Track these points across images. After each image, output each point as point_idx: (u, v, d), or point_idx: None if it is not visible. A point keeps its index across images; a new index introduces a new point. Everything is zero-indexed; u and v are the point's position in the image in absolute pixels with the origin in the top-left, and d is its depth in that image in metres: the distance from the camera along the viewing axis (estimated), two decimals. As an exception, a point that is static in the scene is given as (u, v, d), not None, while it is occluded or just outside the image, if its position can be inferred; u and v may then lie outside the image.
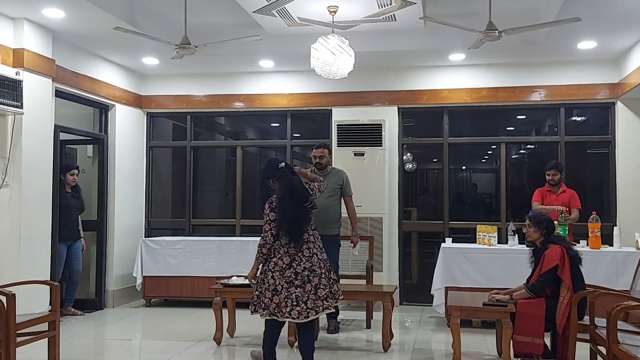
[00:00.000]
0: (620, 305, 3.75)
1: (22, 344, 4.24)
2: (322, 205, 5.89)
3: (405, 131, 7.82)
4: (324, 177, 5.97)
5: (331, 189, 5.93)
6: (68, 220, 6.64)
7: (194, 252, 7.31)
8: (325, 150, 5.94)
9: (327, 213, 5.88)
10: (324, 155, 5.92)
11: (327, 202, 5.87)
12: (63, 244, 6.58)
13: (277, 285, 4.17)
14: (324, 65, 5.41)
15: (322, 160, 5.92)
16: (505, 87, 7.42)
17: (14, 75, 5.54)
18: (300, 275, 4.19)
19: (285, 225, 4.23)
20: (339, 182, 5.97)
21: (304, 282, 4.19)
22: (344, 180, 6.00)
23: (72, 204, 6.76)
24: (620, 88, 7.03)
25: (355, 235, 6.02)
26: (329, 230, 5.91)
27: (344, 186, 5.99)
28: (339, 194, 5.99)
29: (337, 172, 6.09)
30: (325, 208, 5.88)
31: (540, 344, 4.39)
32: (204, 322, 6.15)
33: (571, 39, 6.41)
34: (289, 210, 4.26)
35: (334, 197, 5.94)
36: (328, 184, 5.92)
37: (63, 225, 6.52)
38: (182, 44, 5.42)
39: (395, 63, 7.51)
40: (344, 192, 6.01)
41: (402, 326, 6.40)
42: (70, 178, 6.74)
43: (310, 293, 4.18)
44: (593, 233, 5.97)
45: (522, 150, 8.64)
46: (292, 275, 4.18)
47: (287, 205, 4.28)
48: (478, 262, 6.14)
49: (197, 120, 8.48)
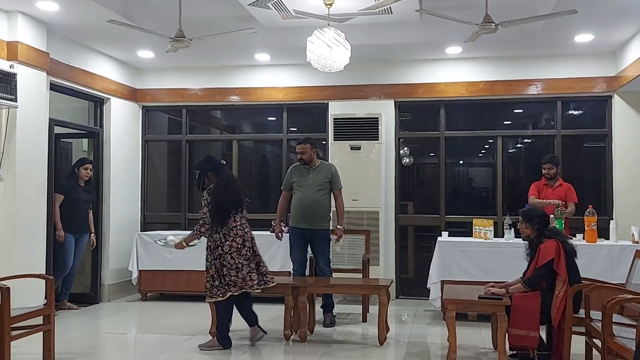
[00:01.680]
0: (616, 298, 3.75)
1: (17, 337, 4.24)
2: (311, 199, 5.91)
3: (402, 125, 7.80)
4: (312, 171, 5.97)
5: (320, 183, 5.94)
6: (77, 213, 6.75)
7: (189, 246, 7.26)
8: (307, 145, 5.94)
9: (317, 207, 5.90)
10: (306, 151, 5.93)
11: (316, 196, 5.89)
12: (71, 235, 6.67)
13: (238, 264, 4.92)
14: (320, 58, 5.38)
15: (304, 155, 5.94)
16: (502, 81, 7.40)
17: (8, 69, 5.51)
18: (252, 253, 5.04)
19: (218, 208, 4.95)
20: (327, 176, 5.98)
21: (253, 258, 5.05)
22: (332, 174, 6.01)
23: (82, 197, 6.82)
24: (617, 81, 7.01)
25: (339, 228, 6.01)
26: (319, 224, 5.93)
27: (332, 180, 6.00)
28: (328, 188, 6.00)
29: (325, 166, 6.10)
30: (315, 202, 5.90)
31: (535, 337, 4.38)
32: (199, 316, 6.14)
33: (568, 32, 6.39)
34: (224, 198, 5.01)
35: (324, 192, 5.96)
36: (316, 178, 5.95)
37: (72, 217, 6.66)
38: (177, 37, 5.38)
39: (392, 56, 7.48)
40: (333, 186, 6.02)
41: (398, 320, 6.40)
42: (83, 172, 6.80)
43: (259, 266, 5.09)
44: (589, 226, 5.97)
45: (518, 144, 8.63)
46: (248, 252, 4.99)
47: (223, 193, 5.02)
48: (474, 256, 6.14)
49: (193, 114, 8.44)
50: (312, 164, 5.99)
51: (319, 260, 6.02)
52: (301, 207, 5.96)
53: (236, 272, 4.91)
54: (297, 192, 6.01)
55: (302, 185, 5.97)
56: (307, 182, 5.96)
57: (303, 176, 6.01)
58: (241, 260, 4.93)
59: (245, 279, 4.93)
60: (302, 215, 5.96)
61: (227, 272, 4.91)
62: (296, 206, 6.02)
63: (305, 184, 5.96)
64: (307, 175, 5.99)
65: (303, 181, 5.98)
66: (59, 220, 6.55)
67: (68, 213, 6.63)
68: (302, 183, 5.98)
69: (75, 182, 6.78)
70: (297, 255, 6.03)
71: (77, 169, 6.82)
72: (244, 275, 4.92)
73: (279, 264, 6.91)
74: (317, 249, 6.02)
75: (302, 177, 6.01)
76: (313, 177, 5.97)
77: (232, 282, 4.91)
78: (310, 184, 5.95)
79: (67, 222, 6.61)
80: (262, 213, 8.05)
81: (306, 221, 5.95)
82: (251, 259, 5.01)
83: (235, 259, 4.91)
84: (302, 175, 6.01)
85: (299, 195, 5.99)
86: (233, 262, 4.90)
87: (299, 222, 5.99)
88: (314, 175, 5.98)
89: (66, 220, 6.60)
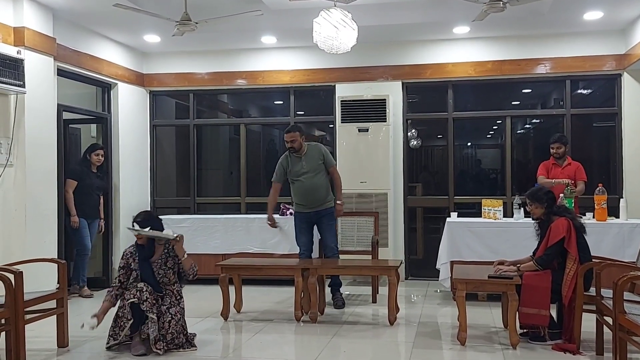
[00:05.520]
0: (627, 276, 3.75)
1: (31, 321, 4.29)
2: (310, 186, 5.90)
3: (410, 106, 7.76)
4: (304, 157, 5.93)
5: (315, 167, 5.91)
6: (90, 199, 6.75)
7: (199, 230, 7.32)
8: (297, 133, 5.89)
9: (317, 192, 5.91)
10: (296, 139, 5.88)
11: (314, 181, 5.90)
12: (85, 220, 6.69)
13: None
14: (327, 39, 5.34)
15: (294, 144, 5.89)
16: (511, 60, 7.34)
17: (15, 54, 5.51)
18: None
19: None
20: (320, 158, 5.96)
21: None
22: (323, 154, 5.99)
23: (94, 183, 6.81)
24: (626, 59, 6.94)
25: (339, 203, 5.99)
26: (324, 205, 5.94)
27: (325, 159, 5.98)
28: (323, 168, 5.98)
29: (313, 148, 6.03)
30: (314, 187, 5.90)
31: (546, 316, 4.40)
32: (211, 299, 6.19)
33: (577, 10, 6.33)
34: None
35: (320, 174, 5.96)
36: (310, 164, 5.91)
37: (85, 203, 6.67)
38: (183, 21, 5.37)
39: (399, 37, 7.43)
40: (327, 164, 6.00)
41: (408, 301, 6.42)
42: (95, 158, 6.79)
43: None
44: (599, 205, 5.95)
45: (527, 125, 8.58)
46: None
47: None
48: (483, 236, 6.14)
49: (200, 98, 8.44)
50: (301, 150, 5.94)
51: (327, 239, 6.01)
52: (303, 195, 5.95)
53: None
54: (296, 182, 5.97)
55: (299, 174, 5.93)
56: (302, 170, 5.91)
57: (296, 165, 5.94)
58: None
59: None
60: (304, 202, 5.96)
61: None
62: (297, 195, 6.00)
63: (301, 173, 5.91)
64: (300, 163, 5.93)
65: (298, 170, 5.93)
66: (72, 206, 6.56)
67: (81, 199, 6.63)
68: (297, 173, 5.93)
69: (88, 168, 6.79)
70: (304, 238, 6.03)
71: (88, 154, 6.81)
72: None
73: (288, 247, 6.93)
74: (324, 228, 6.01)
75: (296, 166, 5.94)
76: (306, 164, 5.92)
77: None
78: (307, 171, 5.90)
79: (80, 208, 6.62)
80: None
81: (310, 206, 5.95)
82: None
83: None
84: (295, 165, 5.95)
85: (297, 185, 5.96)
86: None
87: (303, 208, 6.00)
88: (306, 161, 5.93)
89: (79, 205, 6.62)
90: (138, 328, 4.40)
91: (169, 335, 4.38)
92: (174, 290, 4.63)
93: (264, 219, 6.29)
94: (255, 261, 6.15)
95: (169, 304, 4.49)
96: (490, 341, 4.72)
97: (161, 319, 4.38)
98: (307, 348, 4.82)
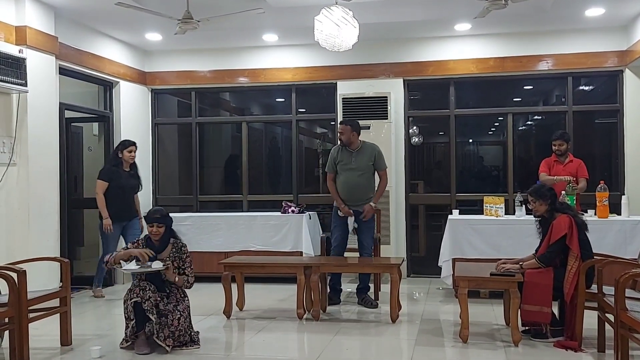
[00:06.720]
0: (629, 273, 3.76)
1: (34, 319, 4.30)
2: (354, 183, 5.89)
3: (411, 104, 7.76)
4: (355, 153, 5.92)
5: (364, 166, 5.89)
6: (122, 200, 6.38)
7: (202, 228, 7.33)
8: (347, 127, 5.88)
9: (361, 191, 5.88)
10: (345, 132, 5.88)
11: (359, 180, 5.87)
12: (117, 224, 6.34)
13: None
14: (328, 37, 5.35)
15: (342, 136, 5.90)
16: (512, 57, 7.33)
17: (17, 53, 5.52)
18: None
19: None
20: (371, 159, 5.93)
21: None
22: (375, 155, 5.95)
23: (127, 184, 6.46)
24: (628, 56, 6.93)
25: (370, 205, 5.90)
26: (364, 205, 5.89)
27: (376, 161, 5.95)
28: (372, 169, 5.96)
29: (368, 147, 5.99)
30: (358, 186, 5.88)
31: (548, 313, 4.41)
32: (213, 297, 6.20)
33: (579, 6, 6.32)
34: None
35: (367, 175, 5.94)
36: (360, 162, 5.89)
37: (117, 205, 6.31)
38: (185, 19, 5.37)
39: (400, 34, 7.42)
40: (377, 167, 5.98)
41: (410, 298, 6.43)
42: (127, 155, 6.43)
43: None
44: (601, 202, 5.95)
45: (529, 122, 8.57)
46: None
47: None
48: (485, 233, 6.15)
49: (202, 97, 8.44)
50: (354, 146, 5.91)
51: (363, 239, 5.96)
52: (345, 190, 5.92)
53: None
54: (341, 175, 5.95)
55: (346, 168, 5.91)
56: (351, 165, 5.89)
57: (346, 159, 5.92)
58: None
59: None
60: (345, 197, 5.92)
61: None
62: (340, 189, 5.96)
63: (349, 168, 5.89)
64: (350, 158, 5.91)
65: (346, 164, 5.91)
66: (104, 208, 6.24)
67: (114, 201, 6.29)
68: (345, 166, 5.91)
69: (120, 167, 6.41)
70: (338, 234, 5.97)
71: (120, 152, 6.44)
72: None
73: (290, 245, 6.95)
74: (362, 229, 5.95)
75: (345, 160, 5.93)
76: (356, 161, 5.89)
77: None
78: (354, 168, 5.88)
79: (113, 210, 6.27)
80: (272, 194, 8.08)
81: (351, 203, 5.91)
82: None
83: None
84: (345, 158, 5.93)
85: (342, 179, 5.93)
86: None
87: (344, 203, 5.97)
88: (357, 158, 5.91)
89: (112, 209, 6.27)
90: (142, 327, 4.42)
91: (177, 332, 4.41)
92: (178, 289, 4.64)
93: (266, 217, 6.30)
94: (258, 259, 6.17)
95: (175, 302, 4.50)
96: (492, 338, 4.72)
97: (169, 317, 4.39)
98: (309, 346, 4.84)
